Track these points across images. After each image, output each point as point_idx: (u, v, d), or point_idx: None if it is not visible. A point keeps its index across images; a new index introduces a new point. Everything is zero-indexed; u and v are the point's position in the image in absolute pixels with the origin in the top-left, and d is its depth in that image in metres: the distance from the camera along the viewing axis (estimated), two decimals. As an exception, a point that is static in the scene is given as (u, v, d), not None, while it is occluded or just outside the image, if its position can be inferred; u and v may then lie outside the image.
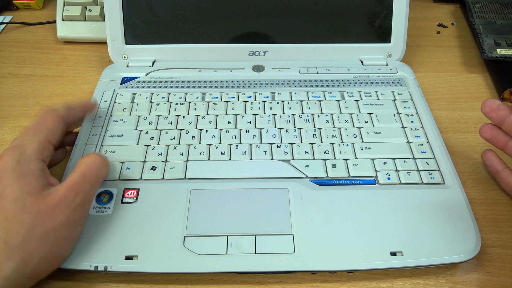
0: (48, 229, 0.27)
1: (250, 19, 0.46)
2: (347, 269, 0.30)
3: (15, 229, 0.26)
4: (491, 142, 0.36)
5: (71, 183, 0.29)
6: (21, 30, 0.56)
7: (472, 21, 0.53)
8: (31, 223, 0.27)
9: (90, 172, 0.30)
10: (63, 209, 0.28)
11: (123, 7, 0.45)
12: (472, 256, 0.30)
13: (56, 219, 0.28)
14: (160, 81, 0.45)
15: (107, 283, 0.31)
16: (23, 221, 0.27)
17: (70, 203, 0.28)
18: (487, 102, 0.35)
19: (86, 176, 0.30)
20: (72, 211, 0.28)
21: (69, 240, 0.29)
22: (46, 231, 0.27)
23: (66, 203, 0.28)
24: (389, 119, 0.40)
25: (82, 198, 0.29)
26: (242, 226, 0.32)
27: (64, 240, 0.29)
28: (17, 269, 0.26)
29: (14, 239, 0.26)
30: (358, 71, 0.46)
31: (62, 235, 0.28)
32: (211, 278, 0.31)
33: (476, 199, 0.36)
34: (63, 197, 0.28)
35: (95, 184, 0.31)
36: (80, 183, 0.29)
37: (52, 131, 0.32)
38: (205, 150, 0.37)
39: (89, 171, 0.30)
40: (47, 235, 0.27)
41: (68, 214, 0.28)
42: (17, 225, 0.26)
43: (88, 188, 0.30)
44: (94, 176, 0.31)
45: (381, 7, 0.46)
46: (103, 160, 0.32)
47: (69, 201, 0.28)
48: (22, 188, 0.28)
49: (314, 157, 0.37)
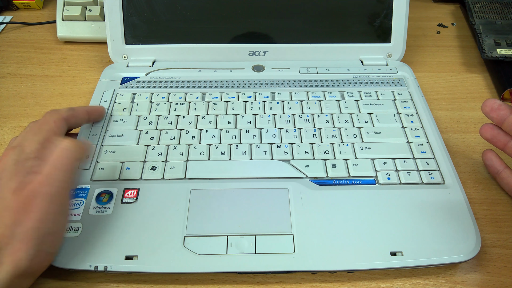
0: (28, 228, 0.26)
1: (250, 19, 0.46)
2: (347, 269, 0.30)
3: (1, 230, 0.26)
4: (491, 142, 0.36)
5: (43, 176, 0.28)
6: (21, 30, 0.56)
7: (472, 21, 0.53)
8: (12, 224, 0.26)
9: (61, 159, 0.29)
10: (38, 204, 0.27)
11: (123, 7, 0.45)
12: (472, 256, 0.30)
13: (33, 216, 0.26)
14: (160, 81, 0.45)
15: (107, 283, 0.31)
16: (5, 222, 0.26)
17: (44, 196, 0.27)
18: (488, 102, 0.35)
19: (56, 165, 0.29)
20: (49, 204, 0.27)
21: (54, 235, 0.28)
22: (26, 230, 0.26)
23: (40, 198, 0.27)
24: (389, 119, 0.40)
25: (56, 188, 0.28)
26: (242, 226, 0.32)
27: (48, 236, 0.27)
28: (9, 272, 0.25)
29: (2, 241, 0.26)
30: (358, 71, 0.46)
31: (44, 232, 0.27)
32: (211, 278, 0.31)
33: (476, 199, 0.36)
34: (36, 191, 0.27)
35: (67, 170, 0.29)
36: (50, 173, 0.28)
37: (53, 131, 0.32)
38: (205, 150, 0.37)
39: (59, 158, 0.29)
40: (28, 234, 0.26)
41: (46, 208, 0.27)
42: (2, 227, 0.26)
43: (61, 177, 0.28)
44: (66, 161, 0.29)
45: (381, 7, 0.46)
46: (74, 143, 0.30)
47: (42, 194, 0.27)
48: (8, 187, 0.27)
49: (314, 157, 0.37)
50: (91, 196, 0.34)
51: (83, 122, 0.38)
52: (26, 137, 0.30)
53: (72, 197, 0.34)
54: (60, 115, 0.33)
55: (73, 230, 0.31)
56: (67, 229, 0.31)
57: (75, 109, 0.36)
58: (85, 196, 0.34)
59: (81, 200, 0.33)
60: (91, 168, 0.36)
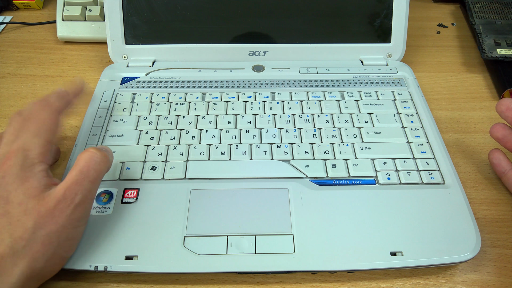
0: (50, 232, 0.27)
1: (250, 19, 0.46)
2: (347, 269, 0.30)
3: (19, 233, 0.26)
4: (501, 142, 0.36)
5: (69, 183, 0.28)
6: (21, 30, 0.56)
7: (472, 21, 0.53)
8: (33, 227, 0.26)
9: (88, 169, 0.29)
10: (63, 210, 0.27)
11: (123, 7, 0.45)
12: (472, 256, 0.30)
13: (57, 221, 0.27)
14: (160, 81, 0.45)
15: (107, 283, 0.31)
16: (25, 225, 0.26)
17: (70, 203, 0.28)
18: (504, 101, 0.34)
19: (84, 173, 0.29)
20: (72, 211, 0.28)
21: (72, 240, 0.29)
22: (48, 233, 0.27)
23: (65, 204, 0.28)
24: (389, 119, 0.40)
25: (82, 196, 0.28)
26: (242, 226, 0.32)
27: (67, 241, 0.28)
28: (23, 273, 0.26)
29: (18, 244, 0.26)
30: (358, 71, 0.46)
31: (64, 237, 0.28)
32: (211, 278, 0.31)
33: (476, 199, 0.36)
34: (61, 197, 0.28)
35: (94, 181, 0.29)
36: (78, 181, 0.28)
37: (52, 130, 0.32)
38: (205, 150, 0.37)
39: (87, 168, 0.29)
40: (50, 237, 0.27)
41: (69, 215, 0.28)
42: (20, 230, 0.26)
43: (88, 186, 0.29)
44: (93, 172, 0.29)
45: (381, 7, 0.46)
46: (102, 154, 0.30)
47: (68, 201, 0.28)
48: (25, 192, 0.27)
49: (314, 157, 0.37)
50: (91, 196, 0.34)
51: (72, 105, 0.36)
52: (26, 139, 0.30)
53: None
54: (54, 109, 0.33)
55: (73, 230, 0.31)
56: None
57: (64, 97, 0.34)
58: (85, 196, 0.34)
59: (81, 200, 0.33)
60: (91, 168, 0.36)
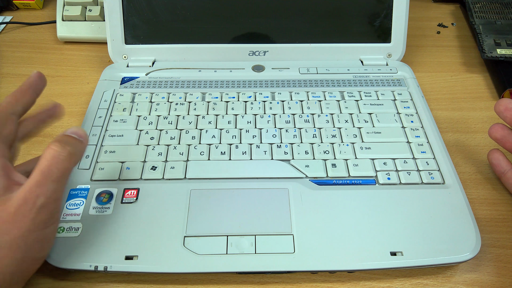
0: (15, 237, 0.25)
1: (250, 19, 0.46)
2: (347, 269, 0.30)
3: None
4: (500, 142, 0.36)
5: (29, 185, 0.26)
6: (21, 30, 0.56)
7: (472, 21, 0.53)
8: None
9: (50, 168, 0.26)
10: (25, 214, 0.26)
11: (123, 7, 0.45)
12: (472, 256, 0.30)
13: (21, 226, 0.25)
14: (160, 81, 0.45)
15: (107, 283, 0.31)
16: None
17: (31, 207, 0.26)
18: (503, 101, 0.34)
19: (46, 174, 0.26)
20: (36, 214, 0.26)
21: (42, 242, 0.27)
22: (13, 238, 0.25)
23: (27, 208, 0.26)
24: (389, 119, 0.40)
25: (45, 199, 0.26)
26: (242, 226, 0.32)
27: (37, 243, 0.27)
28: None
29: None
30: (358, 71, 0.46)
31: (32, 240, 0.26)
32: (211, 278, 0.31)
33: (476, 199, 0.36)
34: (22, 202, 0.26)
35: (58, 180, 0.27)
36: (39, 183, 0.26)
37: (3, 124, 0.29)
38: (205, 150, 0.37)
39: (49, 167, 0.26)
40: (16, 242, 0.25)
41: (33, 218, 0.26)
42: None
43: (51, 187, 0.26)
44: (56, 171, 0.27)
45: (381, 7, 0.46)
46: (65, 152, 0.27)
47: (29, 205, 0.26)
48: None
49: (314, 157, 0.37)
50: (91, 196, 0.34)
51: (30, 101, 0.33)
52: None
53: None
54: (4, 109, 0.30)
55: (73, 230, 0.31)
56: (67, 229, 0.31)
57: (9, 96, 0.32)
58: (85, 196, 0.34)
59: (81, 200, 0.33)
60: (91, 168, 0.36)
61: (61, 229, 0.31)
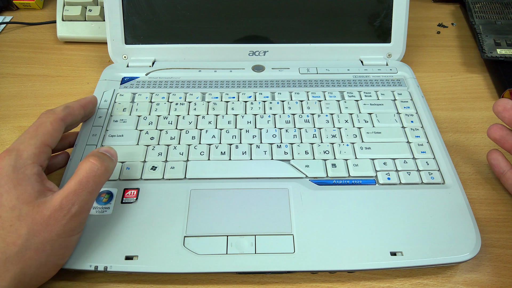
0: (44, 240, 0.27)
1: (250, 19, 0.46)
2: (347, 269, 0.30)
3: (11, 239, 0.26)
4: (498, 143, 0.36)
5: (66, 192, 0.28)
6: (21, 30, 0.56)
7: (472, 21, 0.53)
8: (27, 233, 0.26)
9: (88, 180, 0.28)
10: (59, 220, 0.27)
11: (123, 7, 0.45)
12: (472, 256, 0.30)
13: (51, 230, 0.27)
14: (160, 81, 0.45)
15: (107, 283, 0.31)
16: (19, 231, 0.26)
17: (66, 214, 0.27)
18: (501, 101, 0.34)
19: (83, 184, 0.28)
20: (68, 221, 0.27)
21: (66, 248, 0.28)
22: (42, 241, 0.26)
23: (61, 214, 0.27)
24: (389, 119, 0.40)
25: (78, 207, 0.28)
26: (242, 226, 0.32)
27: (61, 249, 0.28)
28: (15, 279, 0.26)
29: (10, 249, 0.26)
30: (358, 71, 0.46)
31: (58, 245, 0.27)
32: (211, 278, 0.31)
33: (476, 199, 0.36)
34: (58, 207, 0.27)
35: (93, 192, 0.29)
36: (76, 191, 0.28)
37: (50, 133, 0.31)
38: (205, 150, 0.37)
39: (87, 179, 0.28)
40: (43, 245, 0.27)
41: (64, 224, 0.27)
42: (13, 235, 0.26)
43: (86, 197, 0.28)
44: (92, 183, 0.29)
45: (381, 7, 0.46)
46: (103, 166, 0.30)
47: (64, 211, 0.27)
48: (18, 196, 0.27)
49: (314, 157, 0.37)
50: (91, 196, 0.34)
51: (80, 118, 0.36)
52: (22, 140, 0.30)
53: None
54: (57, 116, 0.32)
55: (73, 230, 0.31)
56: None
57: (70, 107, 0.34)
58: (85, 196, 0.34)
59: (81, 200, 0.33)
60: (91, 168, 0.36)
61: (61, 229, 0.31)
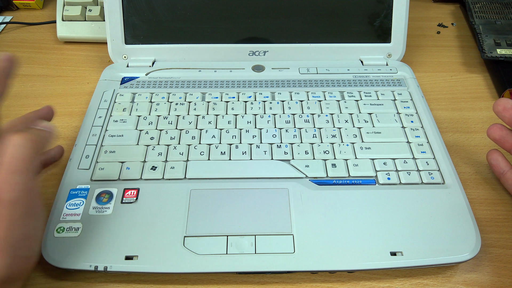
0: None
1: (250, 19, 0.46)
2: (347, 269, 0.30)
3: None
4: (498, 143, 0.36)
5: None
6: (21, 30, 0.56)
7: (472, 21, 0.53)
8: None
9: (10, 160, 0.25)
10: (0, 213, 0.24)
11: (123, 7, 0.45)
12: (472, 256, 0.30)
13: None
14: (160, 81, 0.45)
15: (107, 283, 0.31)
16: None
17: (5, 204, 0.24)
18: (501, 101, 0.34)
19: (8, 168, 0.25)
20: (12, 210, 0.25)
21: (29, 239, 0.26)
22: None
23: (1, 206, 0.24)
24: (389, 119, 0.40)
25: (17, 192, 0.25)
26: (242, 226, 0.32)
27: (21, 241, 0.25)
28: None
29: None
30: (358, 71, 0.46)
31: (14, 239, 0.25)
32: (211, 278, 0.31)
33: (476, 199, 0.36)
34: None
35: (24, 170, 0.25)
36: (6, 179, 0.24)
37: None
38: (205, 150, 0.37)
39: (9, 160, 0.25)
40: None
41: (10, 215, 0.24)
42: None
43: (20, 179, 0.25)
44: (16, 161, 0.25)
45: (381, 7, 0.46)
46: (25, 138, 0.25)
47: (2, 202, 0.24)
48: None
49: (314, 157, 0.37)
50: (91, 196, 0.34)
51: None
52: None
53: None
54: None
55: (73, 230, 0.31)
56: (67, 229, 0.31)
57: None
58: (85, 196, 0.34)
59: (81, 200, 0.33)
60: (91, 168, 0.36)
61: (61, 229, 0.31)
